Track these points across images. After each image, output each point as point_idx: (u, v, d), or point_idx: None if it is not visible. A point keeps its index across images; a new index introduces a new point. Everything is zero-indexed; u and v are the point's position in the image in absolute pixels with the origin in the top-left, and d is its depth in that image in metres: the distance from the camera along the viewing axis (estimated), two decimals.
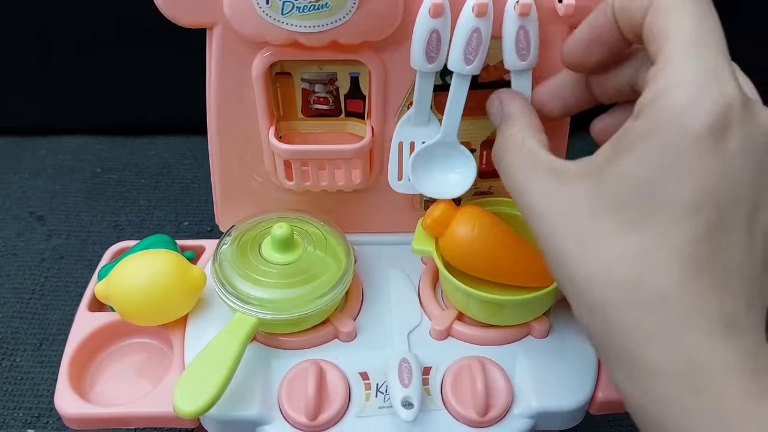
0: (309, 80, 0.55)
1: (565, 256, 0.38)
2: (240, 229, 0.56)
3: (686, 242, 0.34)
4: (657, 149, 0.34)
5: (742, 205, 0.34)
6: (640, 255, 0.35)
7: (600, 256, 0.36)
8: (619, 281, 0.35)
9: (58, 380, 0.53)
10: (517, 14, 0.48)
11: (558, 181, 0.40)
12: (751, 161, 0.34)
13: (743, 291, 0.34)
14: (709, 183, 0.34)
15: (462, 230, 0.53)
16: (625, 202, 0.36)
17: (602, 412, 0.53)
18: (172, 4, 0.49)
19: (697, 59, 0.35)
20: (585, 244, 0.37)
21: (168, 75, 0.93)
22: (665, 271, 0.34)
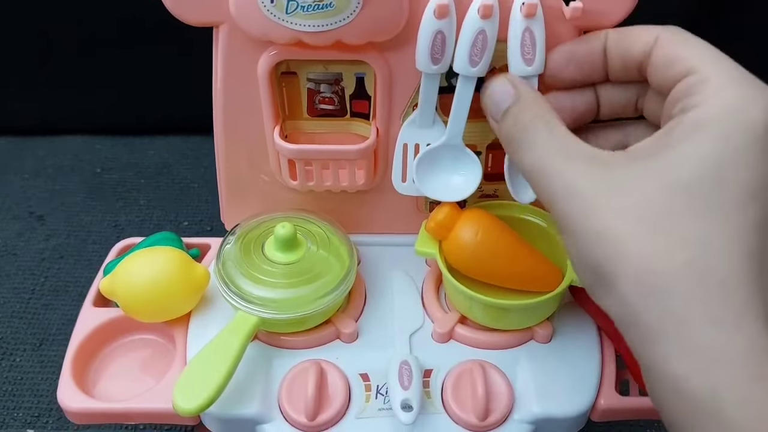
0: (314, 80, 0.55)
1: (615, 238, 0.37)
2: (244, 228, 0.56)
3: (746, 229, 0.35)
4: (716, 139, 0.36)
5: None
6: (703, 240, 0.35)
7: (661, 241, 0.36)
8: (680, 266, 0.35)
9: (61, 375, 0.53)
10: (523, 15, 0.48)
11: (602, 167, 0.39)
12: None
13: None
14: (764, 175, 0.35)
15: (466, 234, 0.53)
16: (688, 187, 0.36)
17: (604, 419, 0.53)
18: (180, 3, 0.49)
19: (734, 69, 0.38)
20: (642, 227, 0.36)
21: (168, 75, 0.93)
22: (728, 257, 0.34)
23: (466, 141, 0.55)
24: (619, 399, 0.53)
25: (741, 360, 0.33)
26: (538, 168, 0.41)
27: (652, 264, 0.35)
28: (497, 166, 0.59)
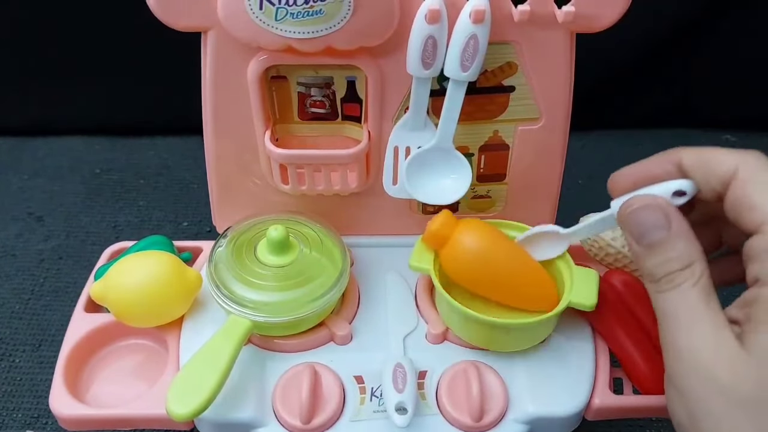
0: (305, 84, 0.55)
1: None
2: (236, 231, 0.56)
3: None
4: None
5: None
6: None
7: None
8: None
9: (54, 381, 0.53)
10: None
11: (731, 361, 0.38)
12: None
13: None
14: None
15: (466, 242, 0.53)
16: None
17: (598, 418, 0.53)
18: (166, 9, 0.50)
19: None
20: None
21: (168, 75, 0.93)
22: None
23: (459, 143, 0.55)
24: (614, 398, 0.53)
25: None
26: (675, 320, 0.40)
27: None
28: (490, 167, 0.59)
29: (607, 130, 1.06)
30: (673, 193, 0.42)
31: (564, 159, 0.59)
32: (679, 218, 0.42)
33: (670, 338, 0.40)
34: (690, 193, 0.42)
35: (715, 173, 0.41)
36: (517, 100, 0.55)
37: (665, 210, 0.42)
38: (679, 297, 0.40)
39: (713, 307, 0.39)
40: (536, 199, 0.61)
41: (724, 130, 1.07)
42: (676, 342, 0.39)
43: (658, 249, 0.41)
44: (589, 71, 0.63)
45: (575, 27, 0.52)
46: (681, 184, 0.42)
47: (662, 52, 0.99)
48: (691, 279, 0.40)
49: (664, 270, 0.41)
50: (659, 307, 0.41)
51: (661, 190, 0.43)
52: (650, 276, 0.42)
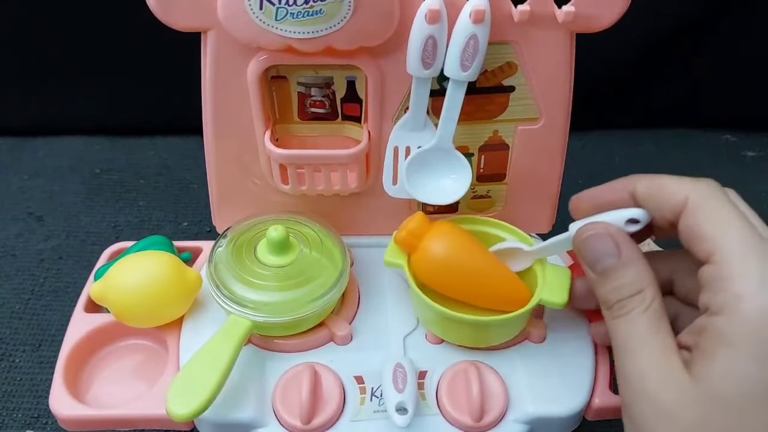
0: (305, 84, 0.55)
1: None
2: (236, 231, 0.56)
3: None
4: (751, 360, 0.37)
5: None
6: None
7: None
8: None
9: (53, 382, 0.53)
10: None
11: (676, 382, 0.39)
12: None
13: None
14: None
15: (435, 246, 0.53)
16: (733, 406, 0.37)
17: (599, 418, 0.53)
18: (166, 9, 0.50)
19: (757, 259, 0.38)
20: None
21: (168, 75, 0.93)
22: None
23: (459, 143, 0.55)
24: (614, 398, 0.53)
25: None
26: (625, 346, 0.42)
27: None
28: (490, 167, 0.59)
29: (607, 130, 1.06)
30: (627, 221, 0.44)
31: (564, 159, 0.59)
32: (630, 246, 0.43)
33: (620, 364, 0.41)
34: (643, 221, 0.44)
35: (667, 202, 0.43)
36: (517, 100, 0.56)
37: (615, 238, 0.43)
38: (629, 324, 0.41)
39: (663, 333, 0.40)
40: (536, 199, 0.61)
41: (724, 130, 1.07)
42: (625, 368, 0.41)
43: (610, 276, 0.43)
44: (589, 71, 0.63)
45: (575, 27, 0.52)
46: (633, 212, 0.44)
47: (662, 52, 0.99)
48: (641, 305, 0.41)
49: (616, 296, 0.42)
50: (612, 334, 0.42)
51: (615, 217, 0.44)
52: (604, 303, 0.43)
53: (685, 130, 1.07)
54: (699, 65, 1.00)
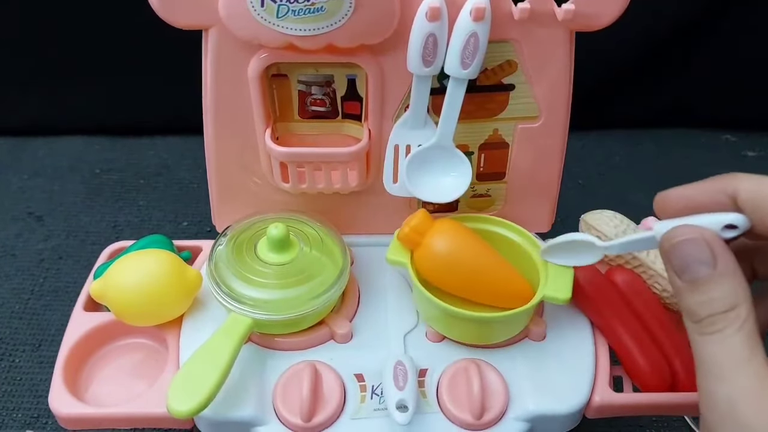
0: (305, 82, 0.55)
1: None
2: (236, 229, 0.56)
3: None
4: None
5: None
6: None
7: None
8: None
9: (53, 380, 0.53)
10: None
11: None
12: None
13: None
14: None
15: (439, 243, 0.53)
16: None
17: (599, 415, 0.53)
18: (167, 6, 0.50)
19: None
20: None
21: (168, 75, 0.93)
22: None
23: (459, 141, 0.55)
24: (614, 395, 0.53)
25: None
26: (714, 368, 0.38)
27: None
28: (489, 165, 0.59)
29: (607, 130, 1.06)
30: (724, 227, 0.39)
31: (563, 157, 0.59)
32: (727, 256, 0.38)
33: (708, 386, 0.37)
34: (742, 228, 0.39)
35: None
36: (517, 99, 0.56)
37: (712, 245, 0.38)
38: (721, 343, 0.37)
39: (758, 357, 0.36)
40: (536, 198, 0.61)
41: (724, 130, 1.07)
42: (714, 392, 0.37)
43: (701, 287, 0.38)
44: (589, 71, 0.63)
45: (575, 25, 0.52)
46: (734, 218, 0.39)
47: (662, 52, 0.99)
48: (736, 323, 0.37)
49: (707, 311, 0.38)
50: (699, 350, 0.38)
51: (712, 221, 0.40)
52: (691, 315, 0.39)
53: (685, 130, 1.07)
54: (699, 65, 1.00)
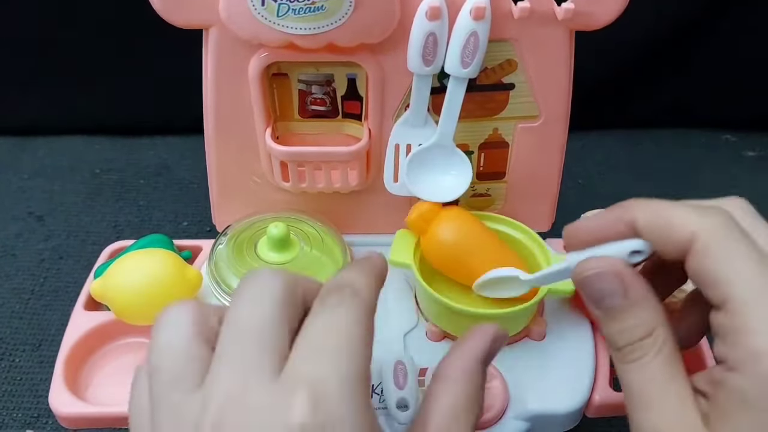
0: (306, 81, 0.55)
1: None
2: (236, 228, 0.57)
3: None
4: (761, 423, 0.34)
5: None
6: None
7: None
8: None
9: (53, 379, 0.53)
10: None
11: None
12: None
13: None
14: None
15: (447, 229, 0.53)
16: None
17: (599, 415, 0.53)
18: (168, 5, 0.50)
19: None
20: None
21: (168, 75, 0.93)
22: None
23: (459, 141, 0.55)
24: (614, 395, 0.53)
25: None
26: (637, 396, 0.38)
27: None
28: (489, 165, 0.59)
29: (607, 130, 1.06)
30: (630, 253, 0.40)
31: (563, 157, 0.59)
32: (637, 283, 0.39)
33: (634, 417, 0.38)
34: (646, 252, 0.40)
35: (671, 240, 0.38)
36: (517, 98, 0.56)
37: (621, 276, 0.39)
38: (641, 371, 0.38)
39: (678, 381, 0.37)
40: (536, 198, 0.61)
41: (724, 130, 1.07)
42: (638, 422, 0.38)
43: (617, 316, 0.39)
44: (589, 71, 0.63)
45: (574, 24, 0.52)
46: (636, 244, 0.40)
47: (662, 52, 0.99)
48: (653, 348, 0.38)
49: (625, 339, 0.39)
50: (623, 379, 0.39)
51: (617, 250, 0.40)
52: (612, 343, 0.40)
53: (685, 130, 1.07)
54: (699, 65, 1.00)
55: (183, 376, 0.34)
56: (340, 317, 0.36)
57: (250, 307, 0.36)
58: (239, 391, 0.32)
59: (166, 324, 0.37)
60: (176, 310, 0.37)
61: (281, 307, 0.35)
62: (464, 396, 0.39)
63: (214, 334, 0.36)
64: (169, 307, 0.38)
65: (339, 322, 0.35)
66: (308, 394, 0.32)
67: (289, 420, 0.31)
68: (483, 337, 0.41)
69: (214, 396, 0.33)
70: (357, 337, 0.35)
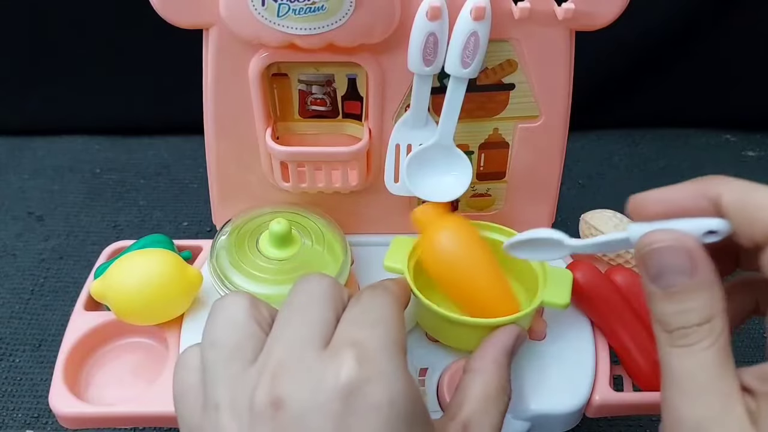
0: (306, 81, 0.55)
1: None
2: (237, 223, 0.57)
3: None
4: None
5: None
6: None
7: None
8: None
9: (53, 379, 0.53)
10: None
11: None
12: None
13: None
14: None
15: (447, 235, 0.51)
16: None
17: (599, 414, 0.53)
18: (168, 5, 0.50)
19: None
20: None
21: (168, 75, 0.93)
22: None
23: (459, 141, 0.55)
24: (614, 395, 0.53)
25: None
26: (682, 383, 0.36)
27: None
28: (490, 165, 0.59)
29: (607, 130, 1.06)
30: (705, 233, 0.37)
31: (563, 157, 0.59)
32: (707, 265, 0.36)
33: (674, 403, 0.36)
34: (723, 233, 0.37)
35: (759, 223, 0.35)
36: (517, 98, 0.56)
37: (692, 254, 0.36)
38: (692, 358, 0.35)
39: (728, 375, 0.35)
40: (536, 198, 0.61)
41: (724, 130, 1.07)
42: (679, 409, 0.35)
43: (676, 296, 0.36)
44: (589, 71, 0.64)
45: (575, 24, 0.52)
46: (717, 224, 0.36)
47: (662, 52, 0.99)
48: (709, 338, 0.35)
49: (680, 322, 0.36)
50: (668, 363, 0.36)
51: (693, 227, 0.37)
52: (663, 324, 0.37)
53: (685, 130, 1.07)
54: (699, 65, 1.00)
55: (241, 350, 0.37)
56: (375, 301, 0.40)
57: (303, 296, 0.40)
58: (291, 360, 0.36)
59: (226, 305, 0.40)
60: (234, 295, 0.41)
61: (328, 297, 0.40)
62: (495, 385, 0.44)
63: (265, 321, 0.39)
64: (226, 294, 0.42)
65: (375, 304, 0.40)
66: (353, 353, 0.35)
67: (337, 377, 0.34)
68: (509, 333, 0.47)
69: (268, 365, 0.36)
70: (392, 315, 0.40)
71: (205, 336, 0.39)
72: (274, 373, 0.35)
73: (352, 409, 0.34)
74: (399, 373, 0.36)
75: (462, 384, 0.44)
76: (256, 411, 0.34)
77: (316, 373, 0.35)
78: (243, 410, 0.35)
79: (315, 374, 0.35)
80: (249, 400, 0.35)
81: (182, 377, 0.39)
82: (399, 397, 0.35)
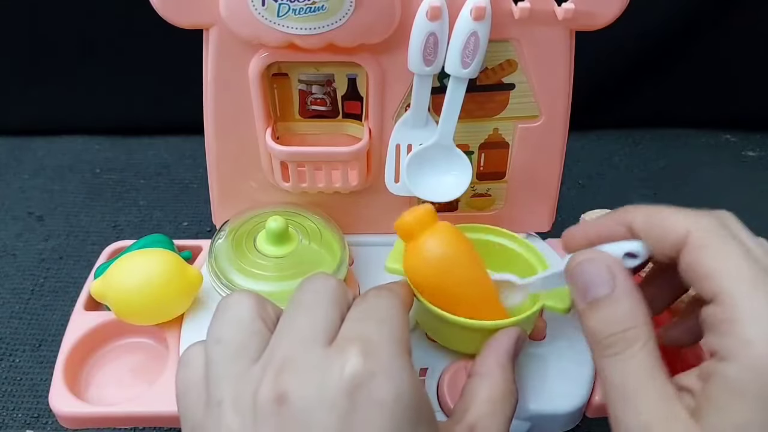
0: (306, 81, 0.55)
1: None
2: (235, 222, 0.57)
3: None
4: (755, 410, 0.34)
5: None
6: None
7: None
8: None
9: (53, 379, 0.53)
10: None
11: None
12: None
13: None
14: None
15: (433, 244, 0.48)
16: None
17: (599, 415, 0.53)
18: (168, 5, 0.50)
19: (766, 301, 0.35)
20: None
21: (168, 75, 0.93)
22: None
23: (459, 141, 0.55)
24: None
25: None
26: (619, 391, 0.38)
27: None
28: (490, 165, 0.59)
29: (607, 130, 1.06)
30: (625, 254, 0.41)
31: (563, 157, 0.59)
32: (625, 277, 0.40)
33: (616, 413, 0.38)
34: (642, 256, 0.41)
35: (666, 238, 0.40)
36: (517, 98, 0.56)
37: (611, 266, 0.40)
38: (623, 366, 0.38)
39: (661, 378, 0.37)
40: (536, 198, 0.62)
41: (723, 130, 1.07)
42: (623, 418, 0.37)
43: (601, 306, 0.39)
44: (589, 71, 0.64)
45: (575, 24, 0.52)
46: (632, 246, 0.41)
47: (662, 52, 0.99)
48: (636, 344, 0.38)
49: (607, 330, 0.39)
50: (603, 374, 0.39)
51: (613, 249, 0.41)
52: (593, 336, 0.40)
53: (685, 130, 1.07)
54: (699, 65, 1.00)
55: (246, 348, 0.38)
56: (380, 302, 0.41)
57: (309, 295, 0.41)
58: (295, 356, 0.36)
59: (232, 303, 0.40)
60: (240, 294, 0.41)
61: (334, 297, 0.40)
62: (500, 388, 0.44)
63: (270, 320, 0.40)
64: (232, 293, 0.42)
65: (380, 304, 0.41)
66: (358, 348, 0.36)
67: (342, 371, 0.35)
68: (510, 336, 0.47)
69: (272, 362, 0.36)
70: (397, 315, 0.40)
71: (210, 333, 0.39)
72: (278, 369, 0.35)
73: (356, 404, 0.34)
74: (404, 370, 0.36)
75: (467, 388, 0.45)
76: (259, 406, 0.35)
77: (320, 368, 0.35)
78: (246, 406, 0.35)
79: (319, 369, 0.35)
80: (253, 396, 0.35)
81: (185, 374, 0.39)
82: (404, 393, 0.35)
